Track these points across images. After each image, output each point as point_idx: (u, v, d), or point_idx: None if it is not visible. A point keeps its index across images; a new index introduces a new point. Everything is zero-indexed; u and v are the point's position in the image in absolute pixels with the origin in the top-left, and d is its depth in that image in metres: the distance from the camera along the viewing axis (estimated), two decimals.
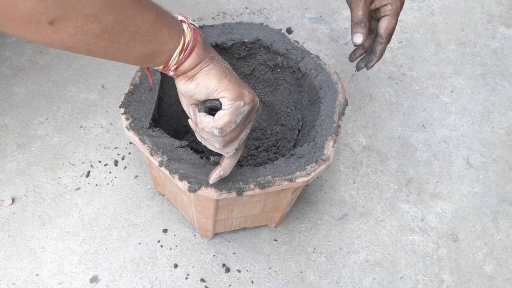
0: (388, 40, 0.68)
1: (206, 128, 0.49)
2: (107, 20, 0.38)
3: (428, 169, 0.89)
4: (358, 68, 0.73)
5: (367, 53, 0.71)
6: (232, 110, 0.48)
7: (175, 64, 0.46)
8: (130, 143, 0.87)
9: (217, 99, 0.49)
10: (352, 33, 0.66)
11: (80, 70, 0.97)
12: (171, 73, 0.48)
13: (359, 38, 0.65)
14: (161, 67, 0.47)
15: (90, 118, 0.90)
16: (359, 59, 0.72)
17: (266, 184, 0.58)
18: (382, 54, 0.69)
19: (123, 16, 0.39)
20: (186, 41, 0.46)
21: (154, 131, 0.62)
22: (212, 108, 0.50)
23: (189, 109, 0.52)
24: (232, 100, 0.48)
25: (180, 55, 0.46)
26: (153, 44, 0.43)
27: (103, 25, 0.38)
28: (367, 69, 0.72)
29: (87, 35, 0.38)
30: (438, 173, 0.89)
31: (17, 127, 0.88)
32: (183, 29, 0.46)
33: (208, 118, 0.49)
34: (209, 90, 0.48)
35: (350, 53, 0.72)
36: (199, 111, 0.50)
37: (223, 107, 0.49)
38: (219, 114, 0.49)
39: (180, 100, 0.52)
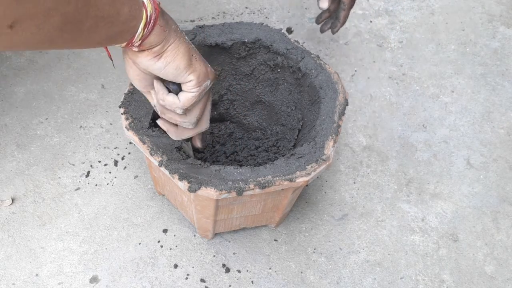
0: (350, 7, 0.74)
1: (168, 106, 0.50)
2: (67, 10, 0.36)
3: (428, 169, 0.89)
4: (321, 31, 0.80)
5: (332, 18, 0.78)
6: (200, 92, 0.50)
7: (139, 40, 0.45)
8: (130, 143, 0.87)
9: (176, 84, 0.50)
10: None
11: (80, 70, 0.97)
12: (135, 49, 0.47)
13: (324, 4, 0.72)
14: (124, 44, 0.45)
15: (90, 118, 0.90)
16: (323, 22, 0.80)
17: (266, 184, 0.58)
18: (345, 20, 0.76)
19: (83, 1, 0.37)
20: (148, 14, 0.44)
21: (154, 131, 0.62)
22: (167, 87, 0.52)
23: (140, 83, 0.52)
24: (200, 80, 0.49)
25: (144, 30, 0.44)
26: (115, 25, 0.42)
27: (64, 16, 0.36)
28: (332, 34, 0.78)
29: (49, 30, 0.36)
30: (439, 173, 0.89)
31: (16, 127, 0.88)
32: (143, 1, 0.44)
33: (172, 98, 0.50)
34: (178, 72, 0.48)
35: (316, 16, 0.79)
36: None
37: (190, 89, 0.49)
38: (186, 96, 0.50)
39: (129, 71, 0.51)
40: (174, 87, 0.51)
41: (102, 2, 0.39)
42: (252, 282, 0.74)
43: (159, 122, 0.58)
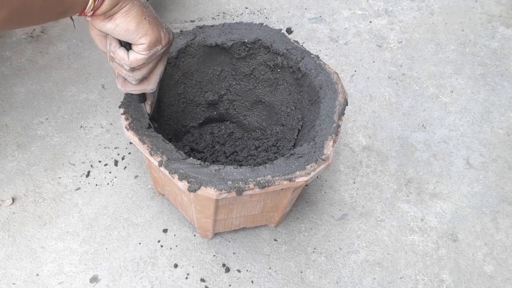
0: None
1: (117, 60, 0.51)
2: (13, 2, 0.36)
3: (428, 169, 0.89)
4: None
5: None
6: (150, 55, 0.50)
7: (91, 11, 0.45)
8: (130, 143, 0.88)
9: None
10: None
11: (80, 70, 0.97)
12: (88, 18, 0.47)
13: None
14: (77, 14, 0.46)
15: (90, 118, 0.90)
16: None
17: (266, 183, 0.58)
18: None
19: None
20: None
21: (154, 131, 0.62)
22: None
23: (100, 43, 0.53)
24: (151, 45, 0.49)
25: (95, 2, 0.44)
26: (65, 2, 0.42)
27: (11, 8, 0.36)
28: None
29: None
30: (438, 173, 0.89)
31: (17, 127, 0.88)
32: None
33: (123, 53, 0.50)
34: (129, 34, 0.48)
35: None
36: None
37: (140, 51, 0.50)
38: (136, 56, 0.50)
39: (90, 31, 0.52)
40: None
41: None
42: (252, 281, 0.74)
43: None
